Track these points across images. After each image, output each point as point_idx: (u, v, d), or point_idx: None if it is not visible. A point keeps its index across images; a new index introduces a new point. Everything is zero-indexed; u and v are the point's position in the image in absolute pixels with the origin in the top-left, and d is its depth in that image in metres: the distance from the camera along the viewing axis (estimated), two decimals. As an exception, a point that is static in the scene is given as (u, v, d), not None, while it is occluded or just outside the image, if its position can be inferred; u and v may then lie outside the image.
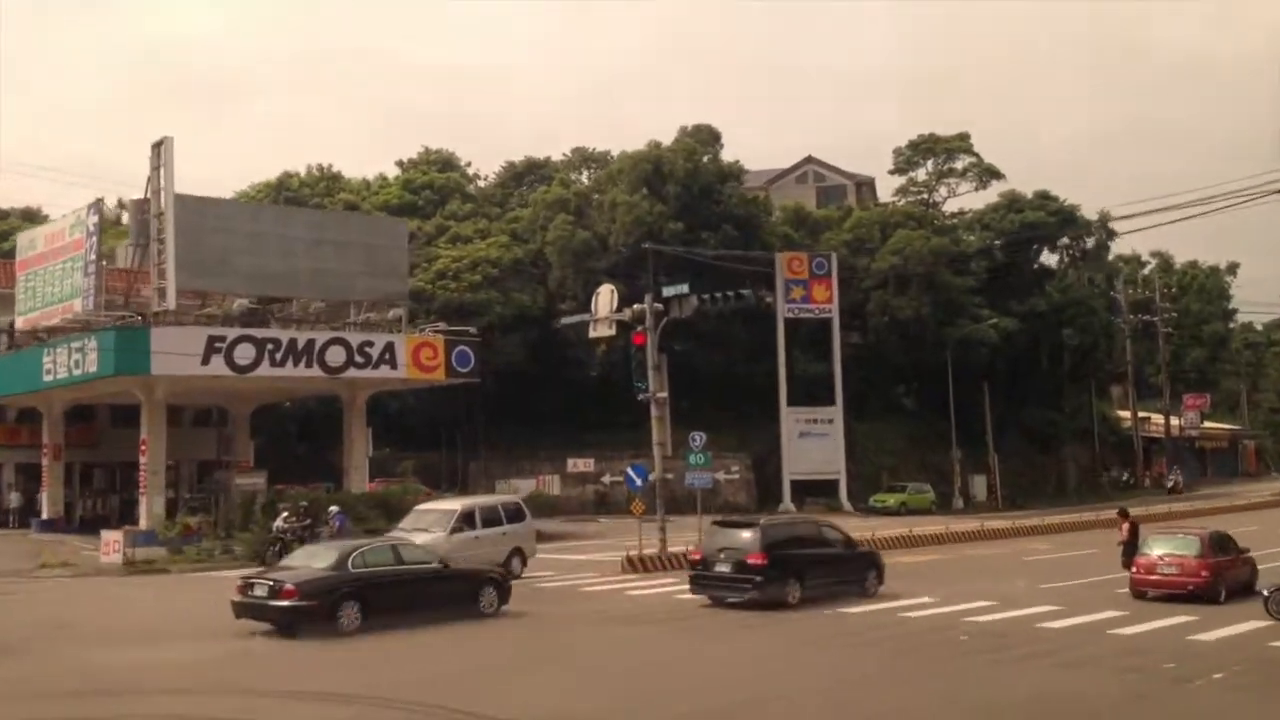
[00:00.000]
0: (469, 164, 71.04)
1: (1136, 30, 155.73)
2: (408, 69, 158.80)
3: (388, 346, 38.08)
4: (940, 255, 57.01)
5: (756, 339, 54.23)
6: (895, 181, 66.98)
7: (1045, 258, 67.13)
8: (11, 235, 49.82)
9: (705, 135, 59.40)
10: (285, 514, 31.52)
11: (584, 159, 72.18)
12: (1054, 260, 67.62)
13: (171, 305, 35.15)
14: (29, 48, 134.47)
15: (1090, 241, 66.50)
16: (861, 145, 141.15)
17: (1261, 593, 20.37)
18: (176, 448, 42.60)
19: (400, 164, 69.12)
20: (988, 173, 64.28)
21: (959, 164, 64.65)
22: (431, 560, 20.61)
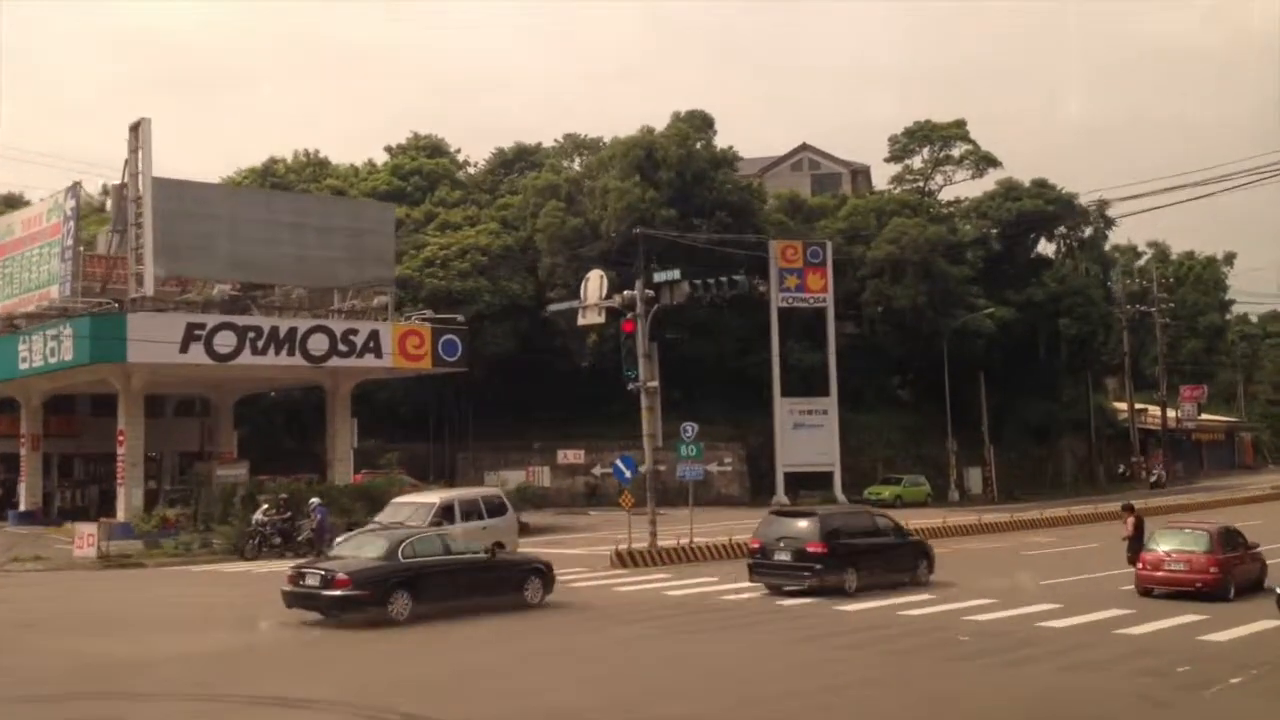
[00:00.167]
0: (458, 150, 70.02)
1: (1131, 21, 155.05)
2: (398, 56, 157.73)
3: (372, 335, 37.22)
4: (936, 244, 56.17)
5: (750, 329, 53.51)
6: (891, 169, 66.30)
7: (1042, 247, 66.58)
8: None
9: (699, 121, 58.43)
10: (265, 507, 30.82)
11: (576, 145, 71.13)
12: (1051, 250, 67.01)
13: (149, 291, 34.25)
14: (21, 35, 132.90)
15: (1088, 230, 65.78)
16: (857, 133, 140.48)
17: (1275, 590, 19.55)
18: (158, 439, 41.85)
19: (389, 150, 68.02)
20: (984, 160, 63.45)
21: (955, 151, 63.87)
22: (478, 550, 21.20)
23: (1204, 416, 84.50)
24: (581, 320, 32.57)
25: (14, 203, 60.97)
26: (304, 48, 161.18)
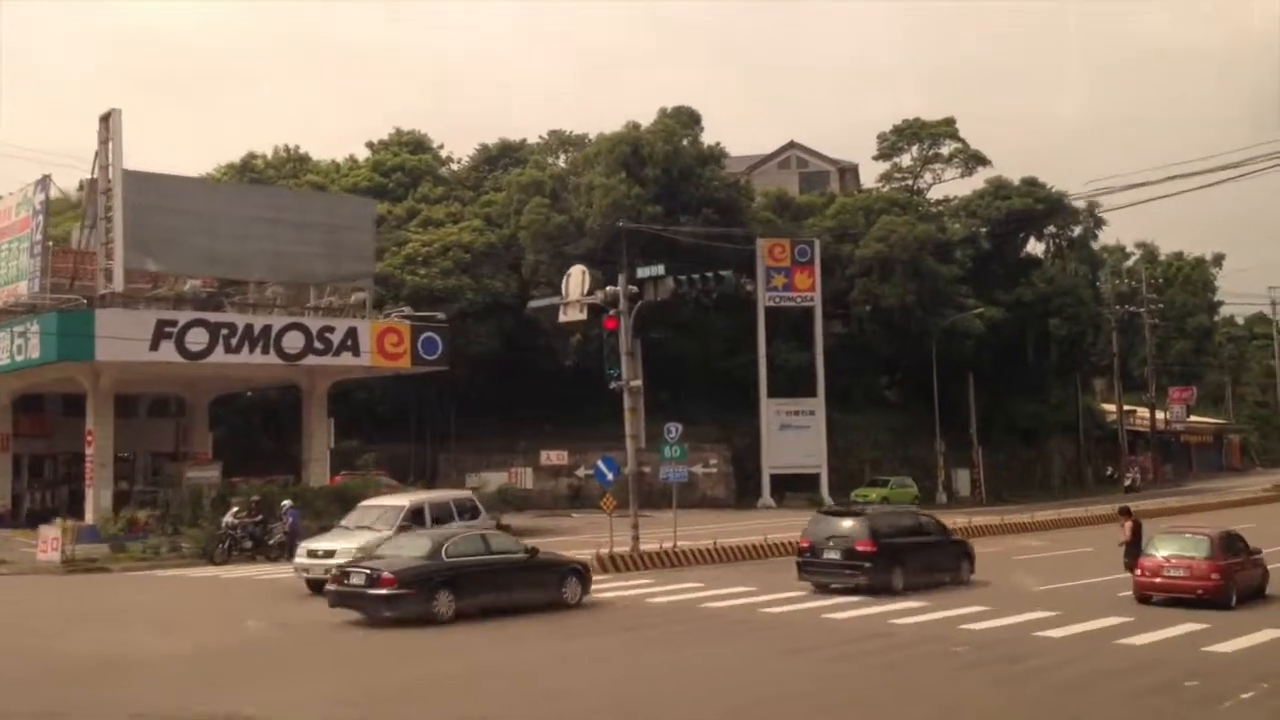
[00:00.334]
0: (441, 146, 68.96)
1: (1131, 21, 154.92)
2: (382, 52, 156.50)
3: (350, 332, 36.29)
4: (925, 242, 55.48)
5: (736, 328, 52.82)
6: (879, 167, 65.72)
7: (1032, 246, 66.01)
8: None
9: (685, 117, 57.58)
10: (236, 509, 29.89)
11: (561, 142, 70.27)
12: (1040, 249, 66.47)
13: (119, 287, 33.30)
14: (21, 35, 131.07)
15: (1077, 230, 65.22)
16: (857, 133, 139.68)
17: (1280, 598, 18.85)
18: (132, 439, 40.81)
19: (371, 145, 66.94)
20: (974, 159, 62.93)
21: (944, 149, 63.29)
22: (518, 550, 21.24)
23: (1192, 418, 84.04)
24: (563, 317, 31.65)
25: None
26: (304, 48, 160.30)
